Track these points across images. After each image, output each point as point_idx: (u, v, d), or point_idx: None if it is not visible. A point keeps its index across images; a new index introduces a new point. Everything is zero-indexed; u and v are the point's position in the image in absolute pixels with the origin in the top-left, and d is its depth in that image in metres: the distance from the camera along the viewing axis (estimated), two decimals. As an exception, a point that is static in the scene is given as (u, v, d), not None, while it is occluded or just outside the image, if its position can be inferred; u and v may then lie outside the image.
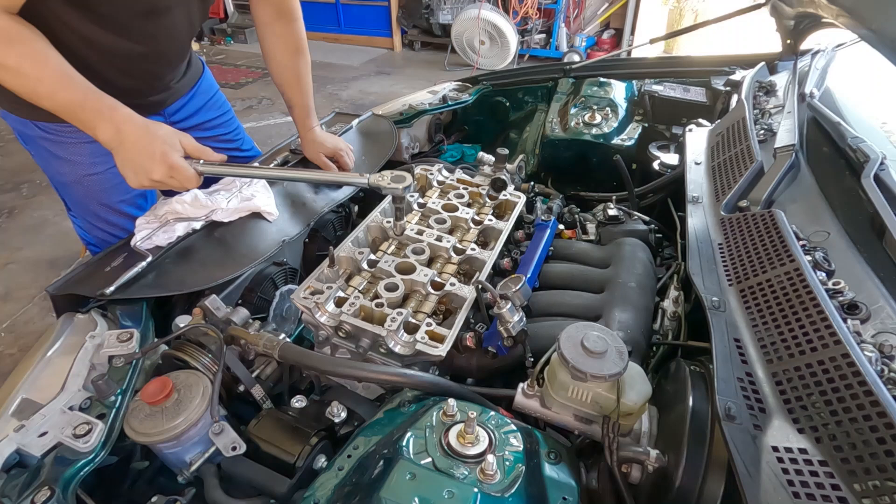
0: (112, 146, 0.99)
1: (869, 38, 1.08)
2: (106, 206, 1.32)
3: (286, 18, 1.34)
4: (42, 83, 0.93)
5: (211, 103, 1.52)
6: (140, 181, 1.00)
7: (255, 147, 1.73)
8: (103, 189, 1.29)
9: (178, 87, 1.39)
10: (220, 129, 1.56)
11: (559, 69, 2.13)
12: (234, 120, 1.63)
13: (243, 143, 1.66)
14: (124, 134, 0.97)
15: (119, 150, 0.99)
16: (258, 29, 1.36)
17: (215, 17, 7.56)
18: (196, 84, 1.47)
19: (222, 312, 0.95)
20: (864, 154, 1.05)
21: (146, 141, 0.98)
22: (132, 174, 1.00)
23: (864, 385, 0.64)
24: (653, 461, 0.71)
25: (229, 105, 1.62)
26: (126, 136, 0.97)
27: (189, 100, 1.45)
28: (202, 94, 1.49)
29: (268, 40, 1.36)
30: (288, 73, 1.39)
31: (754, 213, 1.04)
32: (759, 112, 1.50)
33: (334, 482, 0.69)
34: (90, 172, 1.26)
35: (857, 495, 0.57)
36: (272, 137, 4.53)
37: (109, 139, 0.98)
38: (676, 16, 6.09)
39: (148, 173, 0.99)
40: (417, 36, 7.05)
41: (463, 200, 1.35)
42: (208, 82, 1.53)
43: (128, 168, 1.00)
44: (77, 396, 0.81)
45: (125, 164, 1.00)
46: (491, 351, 1.00)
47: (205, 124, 1.50)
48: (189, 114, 1.45)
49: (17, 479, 0.71)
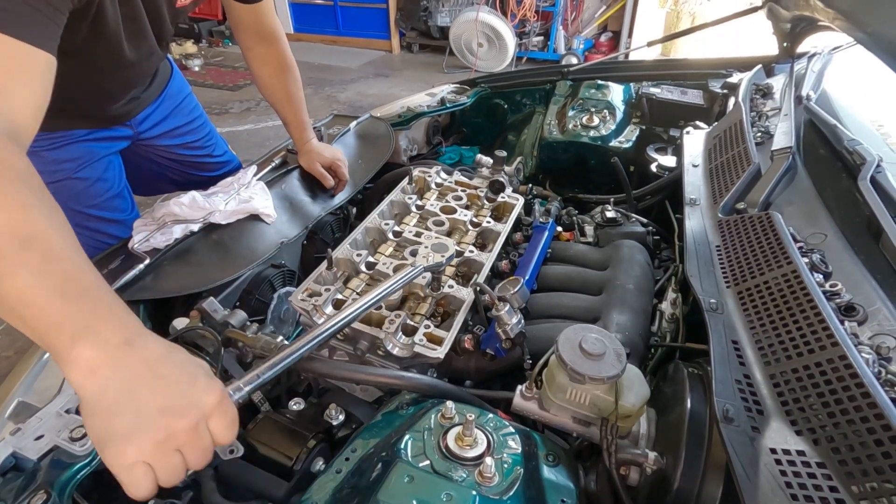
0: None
1: (865, 41, 1.09)
2: (79, 213, 1.29)
3: (268, 41, 1.35)
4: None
5: (180, 109, 1.50)
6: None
7: (230, 151, 1.71)
8: (72, 195, 1.26)
9: (144, 97, 1.37)
10: (190, 135, 1.54)
11: (557, 72, 2.14)
12: (206, 125, 1.61)
13: (215, 148, 1.64)
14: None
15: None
16: (244, 53, 1.38)
17: (213, 20, 7.55)
18: (164, 90, 1.44)
19: (220, 315, 0.95)
20: (860, 156, 1.05)
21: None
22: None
23: (861, 387, 0.64)
24: (651, 463, 0.71)
25: (201, 109, 1.60)
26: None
27: (156, 107, 1.43)
28: (170, 98, 1.46)
29: (254, 63, 1.38)
30: (278, 92, 1.40)
31: (752, 216, 1.04)
32: (756, 115, 1.50)
33: (332, 485, 0.69)
34: (53, 180, 1.22)
35: (855, 497, 0.57)
36: (270, 139, 4.53)
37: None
38: (674, 19, 6.11)
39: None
40: (415, 38, 7.06)
41: (461, 202, 1.35)
42: (177, 86, 1.49)
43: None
44: (74, 399, 0.81)
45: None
46: (489, 353, 1.00)
47: (174, 131, 1.48)
48: (156, 121, 1.43)
49: (13, 483, 0.70)
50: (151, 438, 0.52)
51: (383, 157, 1.62)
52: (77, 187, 1.26)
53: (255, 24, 1.32)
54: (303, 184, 1.44)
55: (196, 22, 7.43)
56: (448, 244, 1.02)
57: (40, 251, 0.55)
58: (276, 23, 1.36)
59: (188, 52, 6.78)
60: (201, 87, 5.89)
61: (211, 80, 6.17)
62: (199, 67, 6.55)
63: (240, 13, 1.30)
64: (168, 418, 0.53)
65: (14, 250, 0.54)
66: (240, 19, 1.31)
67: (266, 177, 1.39)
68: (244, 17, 1.30)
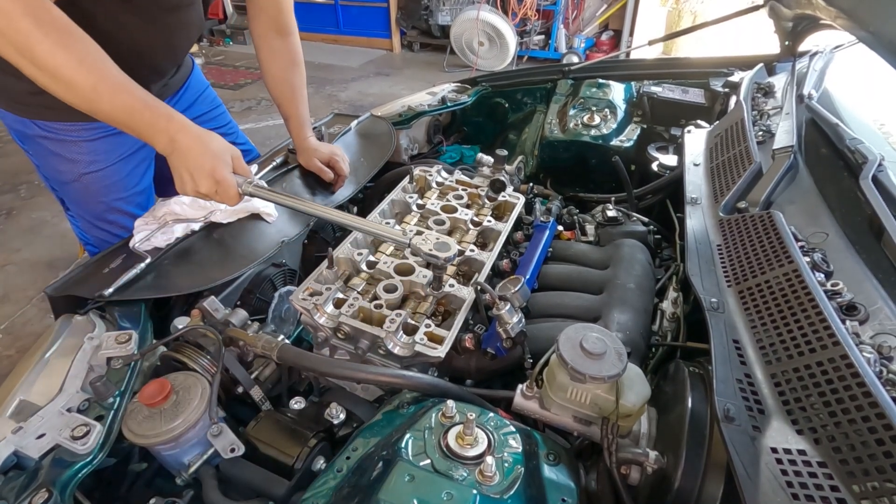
0: (166, 153, 0.99)
1: (867, 39, 1.09)
2: (105, 205, 1.32)
3: (283, 33, 1.36)
4: (98, 90, 0.90)
5: (202, 98, 1.54)
6: (185, 189, 1.02)
7: (249, 142, 1.73)
8: (102, 187, 1.30)
9: (171, 83, 1.40)
10: (213, 122, 1.57)
11: (558, 70, 2.14)
12: (226, 115, 1.65)
13: (237, 137, 1.68)
14: (177, 143, 0.97)
15: (172, 157, 0.99)
16: (255, 42, 1.38)
17: (214, 19, 7.56)
18: (187, 80, 1.48)
19: (221, 314, 0.95)
20: (862, 155, 1.05)
21: (198, 152, 0.98)
22: (179, 181, 1.01)
23: (862, 386, 0.64)
24: (652, 463, 0.71)
25: (220, 100, 1.63)
26: (179, 145, 0.97)
27: (182, 95, 1.46)
28: (193, 88, 1.50)
29: (265, 54, 1.38)
30: (284, 86, 1.40)
31: (753, 215, 1.04)
32: (758, 113, 1.50)
33: (333, 484, 0.69)
34: (89, 171, 1.26)
35: (856, 496, 0.57)
36: (271, 139, 4.53)
37: (163, 147, 0.98)
38: (675, 17, 6.10)
39: (196, 185, 1.00)
40: (416, 37, 7.05)
41: (462, 202, 1.35)
42: (198, 78, 1.55)
43: (177, 175, 1.00)
44: (75, 398, 0.81)
45: (176, 172, 1.00)
46: (490, 352, 1.00)
47: (197, 119, 1.50)
48: (182, 109, 1.44)
49: (15, 482, 0.70)
50: (193, 190, 1.02)
51: (384, 156, 1.62)
52: (109, 178, 1.29)
53: (274, 14, 1.33)
54: (304, 182, 1.45)
55: (197, 21, 7.43)
56: (451, 243, 1.01)
57: (122, 84, 0.94)
58: (293, 16, 1.37)
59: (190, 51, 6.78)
60: (202, 87, 5.88)
61: (212, 80, 6.08)
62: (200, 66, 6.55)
63: (262, 0, 1.31)
64: (191, 186, 1.01)
65: (107, 88, 0.91)
66: (261, 7, 1.32)
67: (267, 176, 1.40)
68: (266, 4, 1.32)
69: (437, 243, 1.00)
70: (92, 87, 0.90)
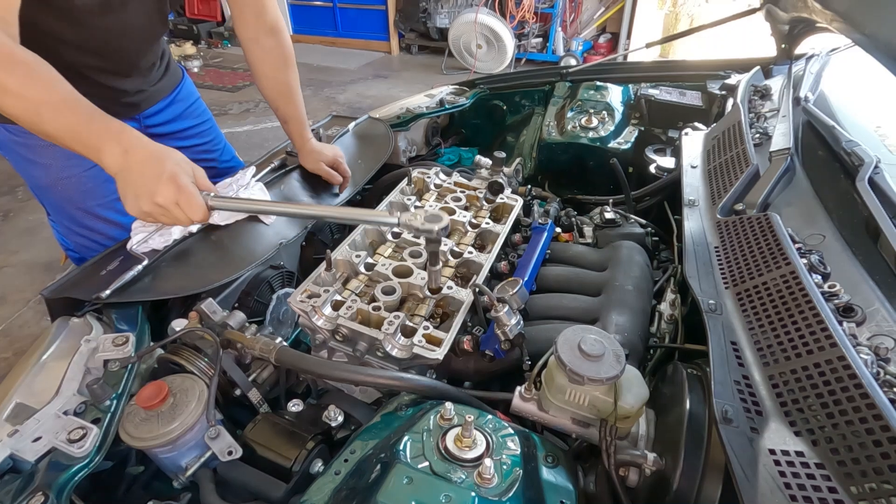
0: (115, 170, 0.90)
1: (863, 42, 1.09)
2: (83, 211, 1.30)
3: (272, 32, 1.29)
4: (45, 106, 0.85)
5: (189, 111, 1.50)
6: (140, 205, 0.90)
7: (236, 157, 1.72)
8: (79, 192, 1.27)
9: (153, 91, 1.36)
10: (197, 138, 1.54)
11: (556, 73, 2.14)
12: (214, 129, 1.61)
13: (222, 153, 1.64)
14: (131, 155, 0.89)
15: (123, 173, 0.90)
16: (243, 45, 1.31)
17: (212, 21, 7.55)
18: (175, 90, 1.45)
19: (218, 316, 0.95)
20: (858, 157, 1.06)
21: (155, 162, 0.90)
22: (132, 197, 0.90)
23: (860, 388, 0.64)
24: (650, 464, 0.71)
25: (210, 115, 1.60)
26: (134, 157, 0.89)
27: (166, 106, 1.43)
28: (181, 101, 1.47)
29: (255, 56, 1.31)
30: (280, 86, 1.35)
31: (750, 217, 1.04)
32: (755, 116, 1.50)
33: (331, 486, 0.69)
34: (64, 176, 1.24)
35: (854, 498, 0.57)
36: (269, 141, 4.53)
37: (114, 162, 0.89)
38: (672, 20, 6.12)
39: (151, 195, 0.88)
40: (415, 39, 7.07)
41: (460, 204, 1.35)
42: (188, 90, 1.51)
43: (129, 191, 0.90)
44: (72, 401, 0.81)
45: (126, 188, 0.90)
46: (488, 354, 1.00)
47: (181, 133, 1.49)
48: (166, 120, 1.43)
49: (11, 485, 0.70)
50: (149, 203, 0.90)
51: (382, 158, 1.62)
52: (85, 184, 1.27)
53: (258, 12, 1.27)
54: (302, 185, 1.44)
55: (195, 23, 7.43)
56: (442, 214, 0.94)
57: (67, 102, 0.87)
58: (279, 13, 1.32)
59: (187, 53, 6.78)
60: (200, 89, 5.81)
61: (210, 82, 6.17)
62: (197, 69, 6.55)
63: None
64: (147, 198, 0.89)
65: (48, 110, 0.86)
66: (243, 6, 1.26)
67: (265, 178, 1.39)
68: (248, 1, 1.26)
69: (428, 216, 0.93)
70: (34, 111, 0.85)
